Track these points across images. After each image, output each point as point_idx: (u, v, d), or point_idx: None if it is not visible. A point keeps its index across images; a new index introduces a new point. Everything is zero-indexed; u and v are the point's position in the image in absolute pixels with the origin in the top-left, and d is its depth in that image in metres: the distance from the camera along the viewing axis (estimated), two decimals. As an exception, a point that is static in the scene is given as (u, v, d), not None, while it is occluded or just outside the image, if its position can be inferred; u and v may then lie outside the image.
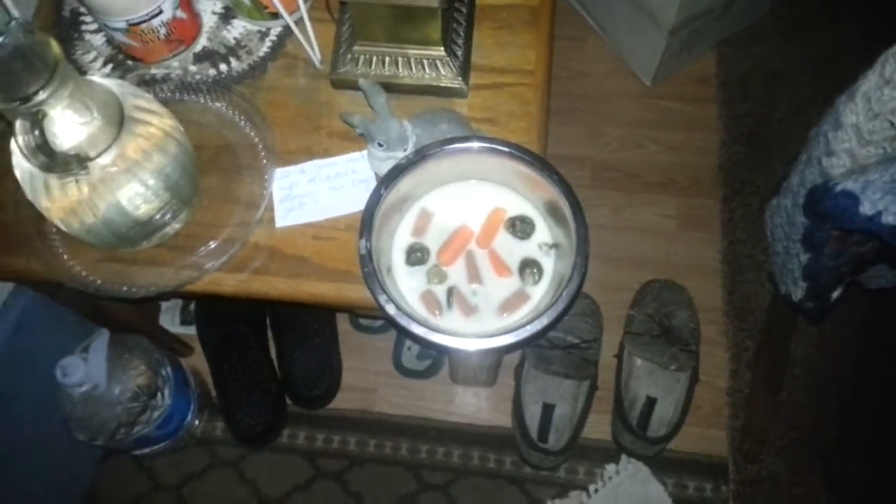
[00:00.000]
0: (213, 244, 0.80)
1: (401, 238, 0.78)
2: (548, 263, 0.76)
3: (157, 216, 0.76)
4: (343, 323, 1.27)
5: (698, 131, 1.42)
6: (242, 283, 0.78)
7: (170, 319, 1.27)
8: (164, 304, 1.28)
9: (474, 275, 0.76)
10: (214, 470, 1.19)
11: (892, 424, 1.15)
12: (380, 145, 0.74)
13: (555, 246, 0.77)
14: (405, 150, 0.75)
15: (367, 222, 0.72)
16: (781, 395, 1.19)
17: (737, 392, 1.20)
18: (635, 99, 1.44)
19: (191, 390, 1.14)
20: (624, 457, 1.16)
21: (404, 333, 0.69)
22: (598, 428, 1.19)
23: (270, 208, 0.81)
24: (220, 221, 0.81)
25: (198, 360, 1.23)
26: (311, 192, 0.82)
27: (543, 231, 0.77)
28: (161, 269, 0.79)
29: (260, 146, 0.83)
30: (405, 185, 0.75)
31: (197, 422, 1.17)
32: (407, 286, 0.76)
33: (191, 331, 1.25)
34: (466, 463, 1.17)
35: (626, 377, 1.19)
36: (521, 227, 0.77)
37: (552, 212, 0.76)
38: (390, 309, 0.68)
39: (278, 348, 1.22)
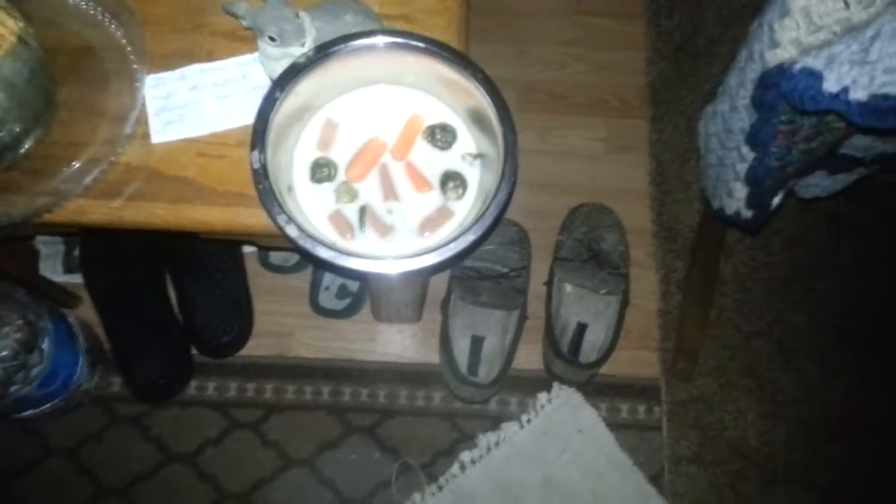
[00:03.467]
0: (75, 165, 0.67)
1: (303, 152, 0.67)
2: (472, 176, 0.68)
3: (2, 133, 0.63)
4: (252, 263, 1.16)
5: (626, 49, 1.35)
6: (114, 211, 0.66)
7: (51, 267, 1.12)
8: (43, 251, 1.13)
9: (389, 191, 0.66)
10: (114, 429, 1.08)
11: (822, 338, 1.16)
12: (272, 39, 0.63)
13: (480, 156, 0.68)
14: (302, 44, 0.64)
15: (259, 132, 0.61)
16: (712, 314, 1.17)
17: (667, 314, 1.18)
18: (560, 15, 1.35)
19: (78, 344, 1.01)
20: (556, 384, 1.12)
21: (309, 259, 0.59)
22: (530, 358, 1.14)
23: (145, 122, 0.69)
24: (82, 139, 0.68)
25: (88, 311, 1.09)
26: (194, 102, 0.70)
27: (467, 140, 0.69)
28: (13, 197, 0.66)
29: (128, 48, 0.70)
30: (305, 89, 0.64)
31: (90, 378, 1.05)
32: (312, 207, 0.66)
33: (77, 279, 1.11)
34: (393, 402, 1.10)
35: (557, 304, 1.14)
36: (441, 136, 0.68)
37: (476, 119, 0.67)
38: (291, 231, 0.59)
39: (179, 293, 1.10)
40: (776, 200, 0.76)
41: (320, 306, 1.14)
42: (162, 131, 0.69)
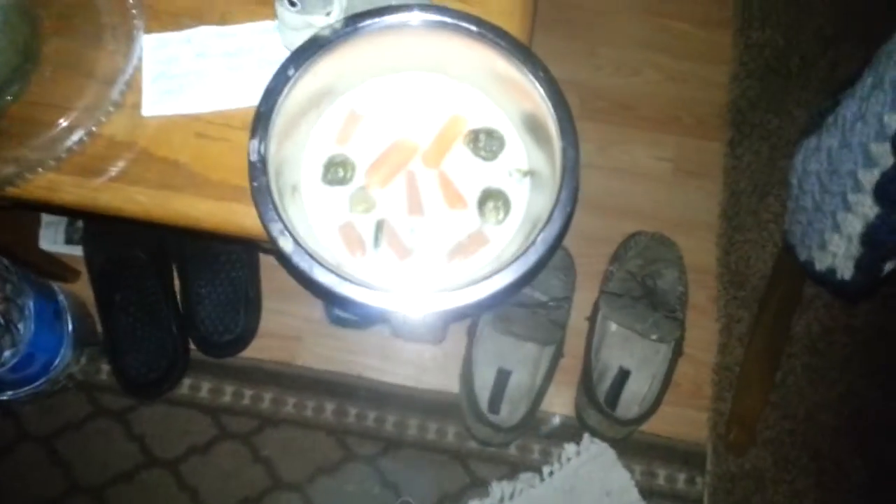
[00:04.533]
0: (52, 132, 0.56)
1: (317, 146, 0.55)
2: (519, 196, 0.55)
3: (-32, 85, 0.53)
4: (266, 256, 1.05)
5: (707, 60, 1.20)
6: (88, 192, 0.56)
7: (52, 237, 1.03)
8: (45, 218, 1.04)
9: (415, 204, 0.54)
10: (96, 421, 0.98)
11: (899, 420, 1.00)
12: (291, 4, 0.51)
13: (530, 173, 0.55)
14: (328, 13, 0.52)
15: (263, 116, 0.49)
16: (776, 377, 1.02)
17: (724, 370, 1.03)
18: (638, 14, 1.20)
19: (64, 325, 0.92)
20: (587, 436, 0.98)
21: (303, 281, 0.47)
22: (560, 401, 1.01)
23: (139, 89, 0.58)
24: (65, 101, 0.57)
25: (84, 288, 1.00)
26: (199, 72, 0.58)
27: (516, 152, 0.56)
28: (-28, 163, 0.55)
29: (130, 1, 0.59)
30: (327, 69, 0.52)
31: (75, 361, 0.95)
32: (320, 214, 0.54)
33: (77, 251, 1.02)
34: (402, 432, 0.98)
35: (598, 344, 1.00)
36: (486, 143, 0.55)
37: (531, 127, 0.54)
38: (285, 244, 0.47)
39: (182, 280, 1.00)
40: (889, 266, 0.62)
41: (335, 313, 1.03)
42: (157, 102, 0.57)
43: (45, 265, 0.99)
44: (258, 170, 0.48)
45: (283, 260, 0.47)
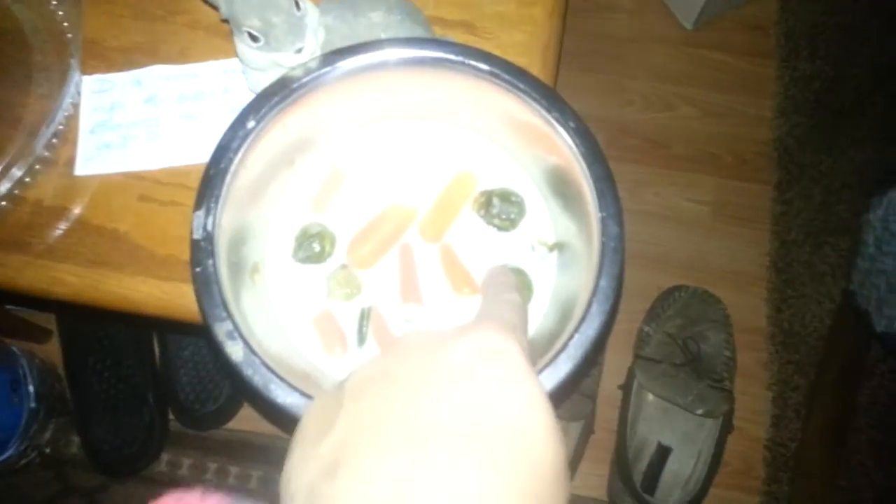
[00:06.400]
0: (-37, 196, 0.45)
1: (287, 213, 0.44)
2: (543, 277, 0.43)
3: None
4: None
5: (749, 94, 1.10)
6: (6, 272, 0.45)
7: (21, 292, 0.93)
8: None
9: (411, 288, 0.42)
10: (64, 501, 0.87)
11: None
12: (253, 39, 0.40)
13: (558, 247, 0.43)
14: (299, 50, 0.41)
15: (213, 180, 0.39)
16: (839, 456, 0.88)
17: (779, 446, 0.90)
18: (671, 45, 1.10)
19: (24, 397, 0.81)
20: (622, 527, 0.85)
21: (253, 399, 0.36)
22: (592, 482, 0.89)
23: (73, 142, 0.47)
24: (-17, 158, 0.47)
25: (55, 350, 0.89)
26: (148, 121, 0.48)
27: (540, 219, 0.44)
28: None
29: (69, 35, 0.48)
30: (300, 118, 0.41)
31: (41, 434, 0.84)
32: (290, 300, 0.42)
33: (48, 309, 0.91)
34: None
35: (634, 417, 0.88)
36: (501, 208, 0.43)
37: (558, 188, 0.43)
38: (233, 351, 0.35)
39: (161, 343, 0.89)
40: None
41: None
42: (93, 158, 0.47)
43: (11, 324, 0.88)
44: (203, 251, 0.37)
45: (232, 371, 0.36)
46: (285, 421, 0.35)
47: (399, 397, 0.25)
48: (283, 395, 0.35)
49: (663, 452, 0.86)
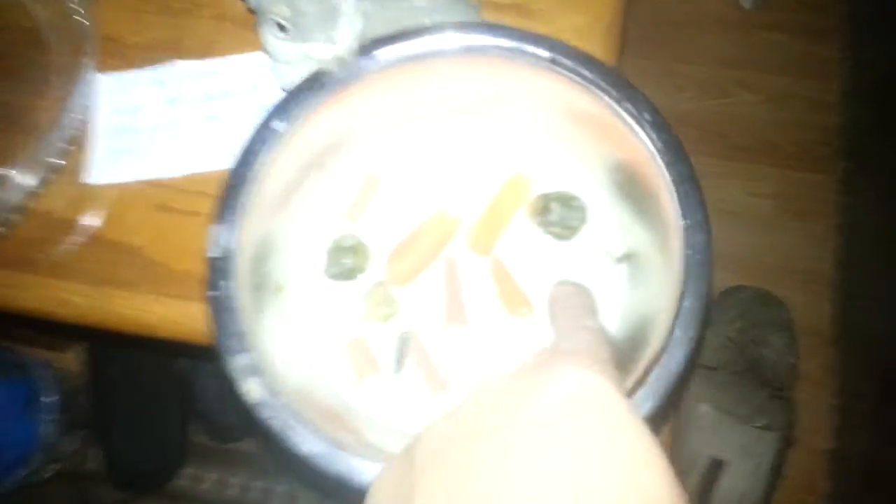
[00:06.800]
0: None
1: (317, 224, 0.39)
2: (612, 293, 0.38)
3: None
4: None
5: (811, 77, 1.03)
6: (8, 291, 0.41)
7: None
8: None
9: (457, 308, 0.38)
10: (82, 518, 0.85)
11: None
12: (281, 29, 0.36)
13: (627, 258, 0.38)
14: (333, 40, 0.36)
15: (234, 191, 0.34)
16: (916, 472, 0.81)
17: (844, 459, 0.85)
18: (727, 27, 1.04)
19: (39, 412, 0.78)
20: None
21: (269, 444, 0.31)
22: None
23: (88, 146, 0.43)
24: (-6, 165, 0.43)
25: (76, 359, 0.87)
26: (168, 124, 0.44)
27: (607, 226, 0.39)
28: None
29: (86, 32, 0.45)
30: (333, 117, 0.37)
31: (60, 447, 0.82)
32: (317, 324, 0.38)
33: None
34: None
35: (685, 428, 0.81)
36: (561, 215, 0.38)
37: (628, 190, 0.38)
38: (251, 389, 0.31)
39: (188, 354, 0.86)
40: None
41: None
42: (110, 164, 0.43)
43: (28, 333, 0.86)
44: (219, 272, 0.33)
45: (247, 411, 0.31)
46: (305, 471, 0.31)
47: (485, 464, 0.20)
48: (306, 443, 0.30)
49: (717, 467, 0.80)
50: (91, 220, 0.42)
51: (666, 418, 0.46)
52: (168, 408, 0.83)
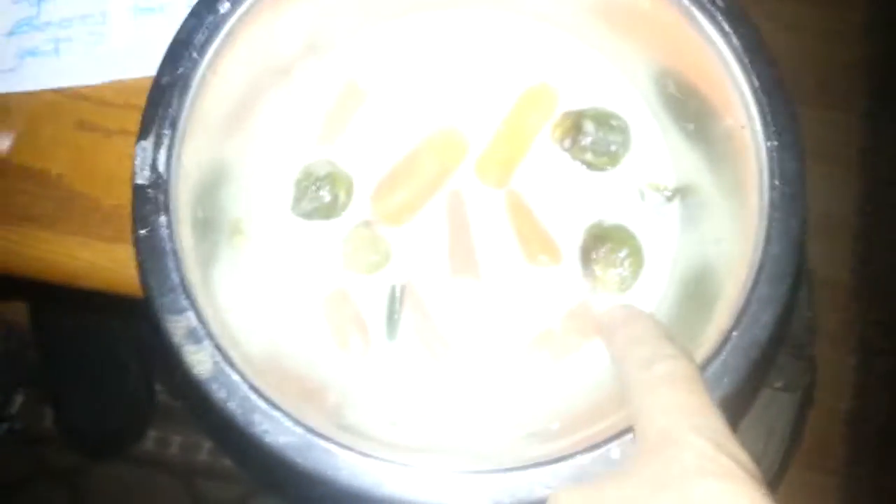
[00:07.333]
0: None
1: (283, 146, 0.30)
2: (660, 238, 0.30)
3: None
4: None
5: (833, 5, 0.96)
6: None
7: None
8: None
9: (463, 254, 0.29)
10: (38, 484, 0.78)
11: None
12: None
13: (680, 193, 0.30)
14: None
15: (165, 93, 0.25)
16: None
17: (863, 421, 0.81)
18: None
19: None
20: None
21: (222, 432, 0.23)
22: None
23: (-16, 47, 0.34)
24: None
25: (22, 310, 0.78)
26: (90, 17, 0.34)
27: (655, 152, 0.31)
28: None
29: None
30: (300, 4, 0.28)
31: (10, 409, 0.74)
32: (285, 274, 0.29)
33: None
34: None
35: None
36: (596, 138, 0.30)
37: (684, 106, 0.29)
38: (197, 360, 0.23)
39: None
40: None
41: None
42: (13, 70, 0.33)
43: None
44: (150, 203, 0.24)
45: (192, 388, 0.23)
46: (271, 464, 0.23)
47: None
48: (272, 431, 0.22)
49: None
50: (-8, 139, 0.32)
51: (750, 400, 0.39)
52: (127, 363, 0.75)
